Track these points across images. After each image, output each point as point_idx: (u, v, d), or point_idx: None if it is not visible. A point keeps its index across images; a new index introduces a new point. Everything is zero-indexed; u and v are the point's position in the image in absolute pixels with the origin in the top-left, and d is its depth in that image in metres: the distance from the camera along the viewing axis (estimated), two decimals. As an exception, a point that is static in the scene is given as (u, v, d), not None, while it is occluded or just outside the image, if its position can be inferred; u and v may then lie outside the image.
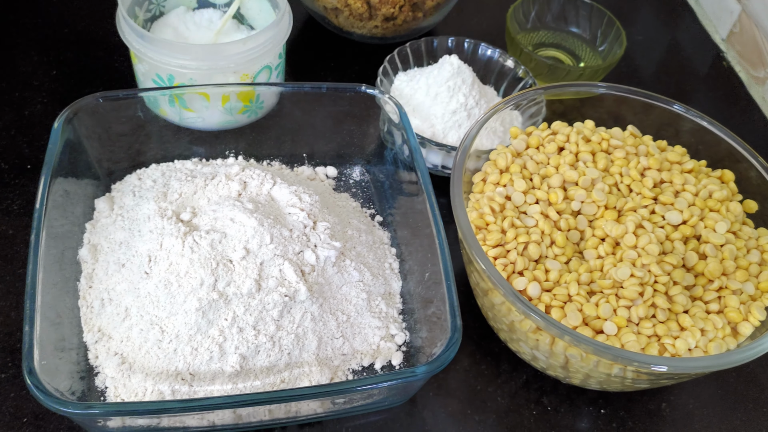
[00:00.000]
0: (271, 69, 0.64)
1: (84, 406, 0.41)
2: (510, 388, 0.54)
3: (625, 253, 0.49)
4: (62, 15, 0.76)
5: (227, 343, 0.48)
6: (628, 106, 0.60)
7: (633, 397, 0.54)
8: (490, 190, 0.53)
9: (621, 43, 0.72)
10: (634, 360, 0.43)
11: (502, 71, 0.68)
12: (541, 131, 0.57)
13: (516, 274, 0.49)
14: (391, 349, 0.53)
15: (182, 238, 0.50)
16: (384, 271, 0.56)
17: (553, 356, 0.48)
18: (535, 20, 0.76)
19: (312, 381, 0.50)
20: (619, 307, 0.47)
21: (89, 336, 0.50)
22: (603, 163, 0.54)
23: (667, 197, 0.52)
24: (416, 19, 0.71)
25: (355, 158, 0.64)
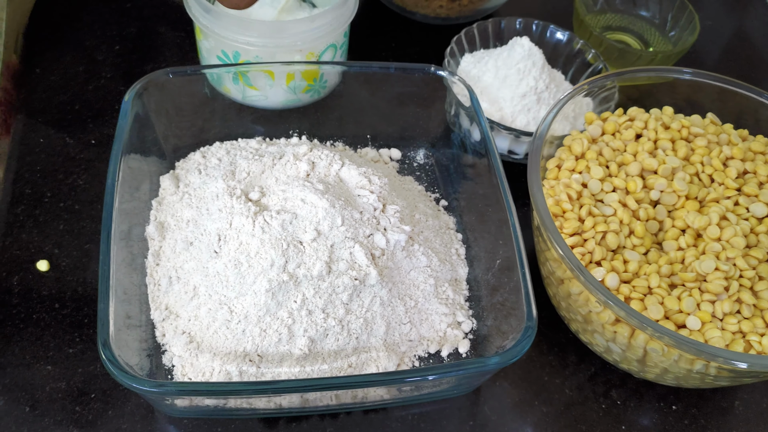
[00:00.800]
0: (336, 48, 0.63)
1: (156, 384, 0.41)
2: (577, 380, 0.53)
3: (708, 245, 0.47)
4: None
5: (296, 326, 0.48)
6: (704, 93, 0.58)
7: (705, 394, 0.53)
8: (565, 176, 0.51)
9: (694, 29, 0.69)
10: (719, 356, 0.41)
11: (570, 55, 0.66)
12: (618, 117, 0.55)
13: (593, 264, 0.48)
14: (458, 336, 0.52)
15: (252, 217, 0.49)
16: (451, 257, 0.55)
17: (630, 349, 0.46)
18: (603, 3, 0.74)
19: (379, 366, 0.49)
20: (703, 302, 0.45)
21: (156, 314, 0.50)
22: (683, 152, 0.52)
23: (751, 188, 0.50)
24: (481, 0, 0.70)
25: (420, 141, 0.63)
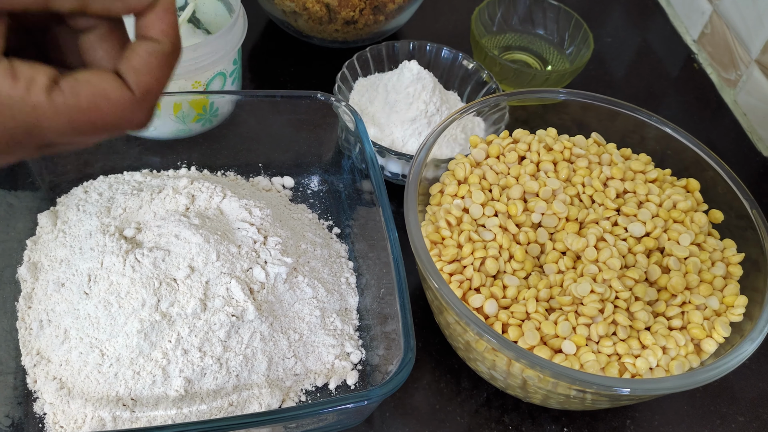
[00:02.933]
0: (226, 76, 0.62)
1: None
2: (470, 407, 0.52)
3: (585, 267, 0.47)
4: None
5: (171, 366, 0.46)
6: (593, 112, 0.58)
7: (597, 415, 0.53)
8: (447, 202, 0.51)
9: (588, 46, 0.70)
10: (592, 383, 0.41)
11: (465, 76, 0.66)
12: (502, 139, 0.55)
13: (473, 291, 0.47)
14: (346, 368, 0.51)
15: (123, 255, 0.47)
16: (340, 287, 0.54)
17: (510, 377, 0.46)
18: (501, 23, 0.74)
19: (262, 403, 0.48)
20: (579, 325, 0.45)
21: (27, 359, 0.48)
22: (565, 173, 0.52)
23: (630, 208, 0.50)
24: (378, 23, 0.69)
25: (313, 168, 0.62)
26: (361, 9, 0.67)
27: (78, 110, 0.29)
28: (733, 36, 0.76)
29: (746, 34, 0.73)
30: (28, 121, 0.28)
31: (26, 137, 0.29)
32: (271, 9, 0.71)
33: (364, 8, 0.67)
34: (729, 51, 0.77)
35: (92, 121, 0.29)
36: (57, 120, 0.28)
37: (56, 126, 0.28)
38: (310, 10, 0.67)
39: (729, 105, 0.77)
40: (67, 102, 0.28)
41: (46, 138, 0.29)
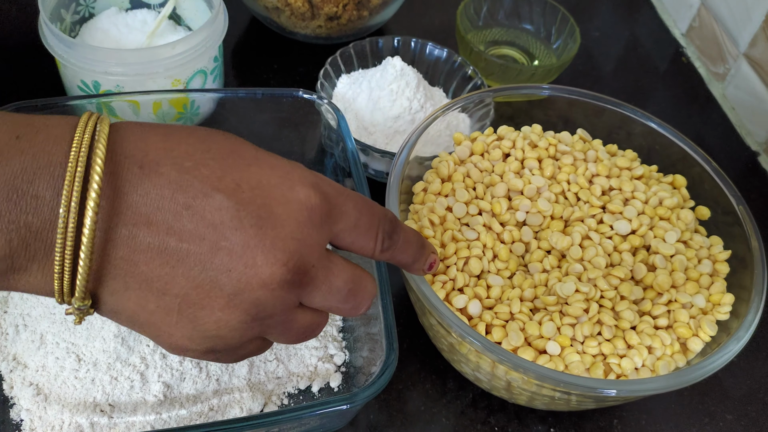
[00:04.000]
0: (206, 73, 0.61)
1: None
2: (456, 408, 0.52)
3: (570, 266, 0.47)
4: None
5: (149, 371, 0.45)
6: (578, 108, 0.57)
7: (584, 415, 0.52)
8: (430, 200, 0.50)
9: (575, 40, 0.69)
10: (577, 385, 0.41)
11: (450, 72, 0.66)
12: (486, 137, 0.54)
13: (456, 292, 0.46)
14: (329, 370, 0.50)
15: (100, 259, 0.46)
16: (323, 287, 0.53)
17: (495, 378, 0.45)
18: (488, 17, 0.74)
19: (244, 407, 0.47)
20: (564, 325, 0.44)
21: (4, 365, 0.47)
22: (550, 171, 0.51)
23: (615, 206, 0.50)
24: (362, 18, 0.68)
25: (296, 166, 0.61)
26: (344, 4, 0.66)
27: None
28: (722, 29, 0.75)
29: (734, 27, 0.73)
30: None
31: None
32: (254, 5, 0.70)
33: (347, 4, 0.66)
34: (717, 44, 0.76)
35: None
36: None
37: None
38: (293, 5, 0.66)
39: (717, 99, 0.76)
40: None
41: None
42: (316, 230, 0.33)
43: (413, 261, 0.40)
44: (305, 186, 0.33)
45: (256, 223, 0.31)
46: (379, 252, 0.36)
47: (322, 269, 0.33)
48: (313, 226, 0.32)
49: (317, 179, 0.34)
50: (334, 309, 0.35)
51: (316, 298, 0.34)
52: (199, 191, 0.31)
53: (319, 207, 0.33)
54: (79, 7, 0.63)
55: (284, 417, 0.41)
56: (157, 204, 0.30)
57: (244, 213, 0.31)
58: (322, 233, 0.33)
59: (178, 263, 0.30)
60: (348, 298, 0.35)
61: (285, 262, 0.31)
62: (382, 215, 0.36)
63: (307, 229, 0.32)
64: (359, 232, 0.35)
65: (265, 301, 0.31)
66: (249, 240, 0.31)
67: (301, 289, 0.33)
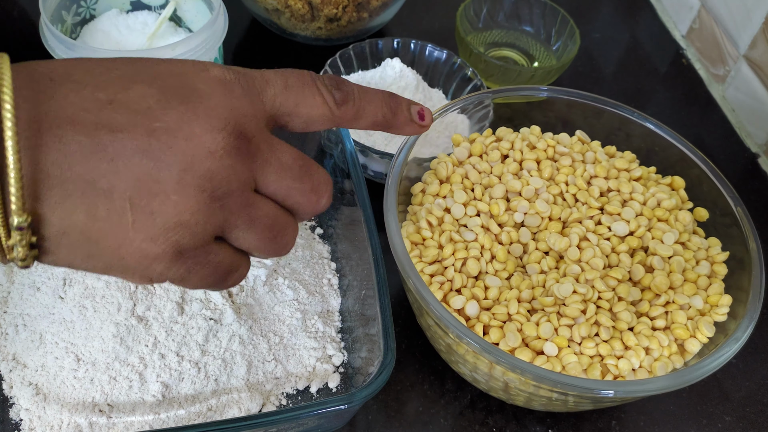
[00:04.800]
0: (206, 74, 0.61)
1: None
2: (454, 409, 0.52)
3: (568, 267, 0.47)
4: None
5: (148, 371, 0.45)
6: (577, 109, 0.57)
7: (582, 416, 0.52)
8: (429, 201, 0.50)
9: (575, 42, 0.69)
10: (574, 386, 0.41)
11: (450, 73, 0.66)
12: (485, 138, 0.54)
13: (454, 292, 0.46)
14: (327, 371, 0.50)
15: (99, 259, 0.46)
16: (322, 288, 0.53)
17: (492, 379, 0.45)
18: (487, 19, 0.74)
19: (242, 408, 0.47)
20: (561, 326, 0.45)
21: (3, 365, 0.47)
22: (548, 172, 0.51)
23: (613, 207, 0.50)
24: (362, 20, 0.69)
25: (296, 167, 0.61)
26: (344, 6, 0.66)
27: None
28: (722, 31, 0.75)
29: (734, 29, 0.73)
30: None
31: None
32: (254, 7, 0.70)
33: (347, 5, 0.66)
34: (717, 46, 0.76)
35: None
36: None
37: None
38: (293, 7, 0.66)
39: (718, 101, 0.76)
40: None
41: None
42: (243, 100, 0.32)
43: (392, 112, 0.37)
44: (216, 67, 0.32)
45: (184, 100, 0.30)
46: (335, 107, 0.35)
47: (264, 142, 0.32)
48: (238, 96, 0.32)
49: (228, 66, 0.33)
50: (293, 192, 0.33)
51: (270, 176, 0.32)
52: (119, 86, 0.30)
53: (237, 79, 0.32)
54: (80, 9, 0.63)
55: (282, 417, 0.41)
56: (78, 104, 0.29)
57: (169, 94, 0.30)
58: (250, 103, 0.32)
59: (116, 155, 0.29)
60: (303, 177, 0.33)
61: (223, 126, 0.30)
62: (312, 73, 0.35)
63: (233, 99, 0.31)
64: (295, 91, 0.34)
65: (216, 171, 0.30)
66: (181, 115, 0.30)
67: (250, 158, 0.31)
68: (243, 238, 0.32)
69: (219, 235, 0.32)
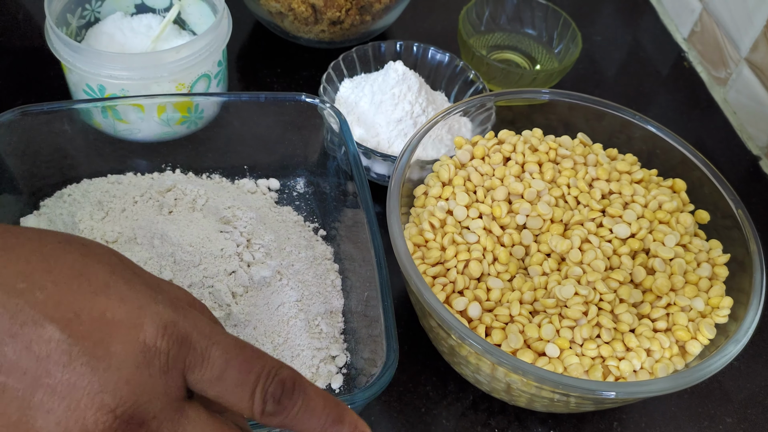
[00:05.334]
0: (210, 77, 0.61)
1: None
2: (457, 410, 0.52)
3: (570, 269, 0.47)
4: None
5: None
6: (579, 112, 0.58)
7: (584, 417, 0.52)
8: (431, 204, 0.51)
9: (577, 45, 0.70)
10: (575, 386, 0.41)
11: (452, 76, 0.66)
12: (487, 141, 0.55)
13: (456, 294, 0.47)
14: (331, 371, 0.50)
15: (104, 261, 0.47)
16: (325, 289, 0.54)
17: (494, 380, 0.46)
18: (490, 22, 0.74)
19: (246, 408, 0.47)
20: (563, 328, 0.45)
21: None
22: (550, 174, 0.52)
23: (615, 209, 0.50)
24: (365, 23, 0.69)
25: (299, 169, 0.62)
26: (347, 9, 0.67)
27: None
28: (723, 34, 0.75)
29: (736, 32, 0.73)
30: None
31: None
32: (257, 10, 0.70)
33: (350, 8, 0.67)
34: (719, 49, 0.76)
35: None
36: None
37: None
38: (296, 10, 0.67)
39: (719, 103, 0.76)
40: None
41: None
42: (159, 377, 0.28)
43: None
44: (155, 325, 0.28)
45: (88, 361, 0.27)
46: (261, 415, 0.30)
47: (167, 422, 0.29)
48: (154, 371, 0.28)
49: (178, 317, 0.29)
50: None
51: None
52: (29, 318, 0.27)
53: (167, 349, 0.28)
54: (84, 12, 0.64)
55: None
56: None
57: (76, 348, 0.27)
58: (168, 381, 0.28)
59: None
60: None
61: (113, 408, 0.27)
62: (264, 371, 0.30)
63: (146, 375, 0.28)
64: (225, 386, 0.29)
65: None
66: (76, 380, 0.27)
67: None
68: None
69: None
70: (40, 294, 0.28)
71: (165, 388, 0.28)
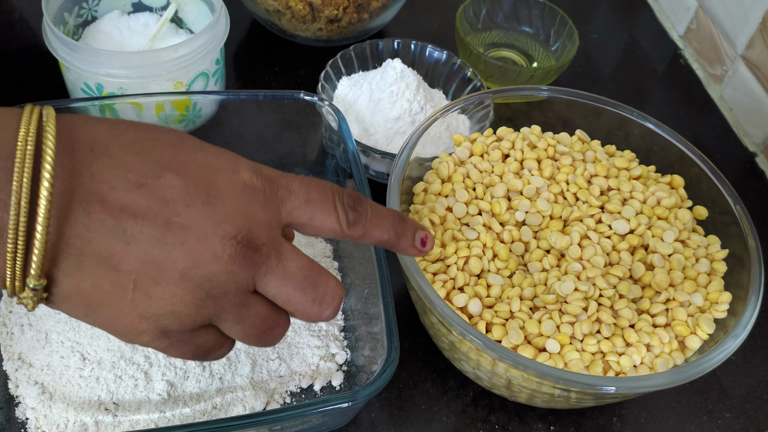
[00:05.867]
0: (208, 76, 0.61)
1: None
2: (457, 407, 0.52)
3: (569, 265, 0.47)
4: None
5: (153, 370, 0.46)
6: (577, 109, 0.58)
7: (584, 412, 0.53)
8: (431, 201, 0.51)
9: (574, 43, 0.70)
10: (577, 382, 0.41)
11: (450, 74, 0.66)
12: (486, 138, 0.55)
13: (456, 291, 0.47)
14: (331, 369, 0.51)
15: (104, 259, 0.47)
16: (324, 287, 0.54)
17: (495, 376, 0.46)
18: (487, 20, 0.74)
19: (246, 406, 0.47)
20: (563, 324, 0.45)
21: (9, 364, 0.47)
22: (549, 171, 0.52)
23: (613, 205, 0.50)
24: (362, 21, 0.69)
25: (298, 168, 0.62)
26: (344, 7, 0.67)
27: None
28: (719, 31, 0.76)
29: (731, 29, 0.73)
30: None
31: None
32: (255, 8, 0.70)
33: (347, 6, 0.67)
34: (715, 46, 0.77)
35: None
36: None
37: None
38: (293, 8, 0.66)
39: (715, 100, 0.77)
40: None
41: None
42: (262, 209, 0.33)
43: (397, 237, 0.39)
44: (248, 169, 0.34)
45: (206, 200, 0.32)
46: (347, 226, 0.36)
47: (273, 250, 0.33)
48: (258, 204, 0.33)
49: (259, 166, 0.35)
50: (293, 300, 0.34)
51: (271, 282, 0.34)
52: (150, 171, 0.31)
53: (262, 186, 0.34)
54: (81, 11, 0.64)
55: (287, 414, 0.42)
56: (110, 183, 0.31)
57: (194, 190, 0.32)
58: (269, 212, 0.34)
59: (132, 239, 0.31)
60: (306, 288, 0.34)
61: (234, 234, 0.32)
62: (335, 188, 0.36)
63: (253, 207, 0.33)
64: (313, 206, 0.35)
65: (218, 274, 0.32)
66: (199, 215, 0.31)
67: (254, 267, 0.33)
68: (230, 329, 0.34)
69: (208, 324, 0.34)
70: (154, 152, 0.32)
71: (268, 219, 0.33)
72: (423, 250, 0.40)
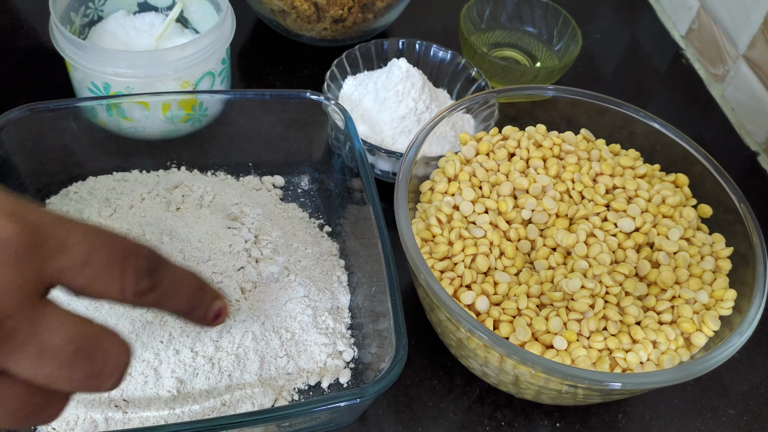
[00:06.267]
0: (214, 75, 0.61)
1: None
2: (463, 404, 0.52)
3: (576, 263, 0.48)
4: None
5: (163, 367, 0.46)
6: (581, 108, 0.58)
7: (589, 409, 0.53)
8: (437, 199, 0.51)
9: (577, 43, 0.70)
10: (584, 378, 0.41)
11: (455, 73, 0.67)
12: (492, 137, 0.55)
13: (464, 288, 0.47)
14: (338, 366, 0.51)
15: (114, 257, 0.47)
16: (331, 285, 0.54)
17: (502, 373, 0.46)
18: (490, 20, 0.74)
19: (255, 403, 0.48)
20: (570, 321, 0.45)
21: (18, 362, 0.48)
22: (554, 170, 0.52)
23: (619, 204, 0.50)
24: (367, 21, 0.69)
25: (304, 167, 0.62)
26: (349, 7, 0.67)
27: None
28: (721, 31, 0.76)
29: (733, 29, 0.74)
30: None
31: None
32: (260, 8, 0.71)
33: (352, 6, 0.67)
34: (716, 46, 0.77)
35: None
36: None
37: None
38: (299, 8, 0.67)
39: (717, 100, 0.77)
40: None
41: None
42: (14, 268, 0.26)
43: (190, 309, 0.33)
44: (4, 214, 0.26)
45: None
46: (134, 295, 0.29)
47: (24, 321, 0.26)
48: (8, 262, 0.26)
49: (22, 207, 0.27)
50: (59, 380, 0.27)
51: (22, 362, 0.26)
52: None
53: (16, 240, 0.26)
54: (88, 10, 0.64)
55: (295, 411, 0.42)
56: None
57: None
58: (22, 274, 0.26)
59: None
60: (76, 363, 0.27)
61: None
62: (132, 248, 0.29)
63: (1, 265, 0.26)
64: (93, 271, 0.28)
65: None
66: None
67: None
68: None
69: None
70: None
71: (19, 282, 0.26)
72: (215, 323, 0.35)
